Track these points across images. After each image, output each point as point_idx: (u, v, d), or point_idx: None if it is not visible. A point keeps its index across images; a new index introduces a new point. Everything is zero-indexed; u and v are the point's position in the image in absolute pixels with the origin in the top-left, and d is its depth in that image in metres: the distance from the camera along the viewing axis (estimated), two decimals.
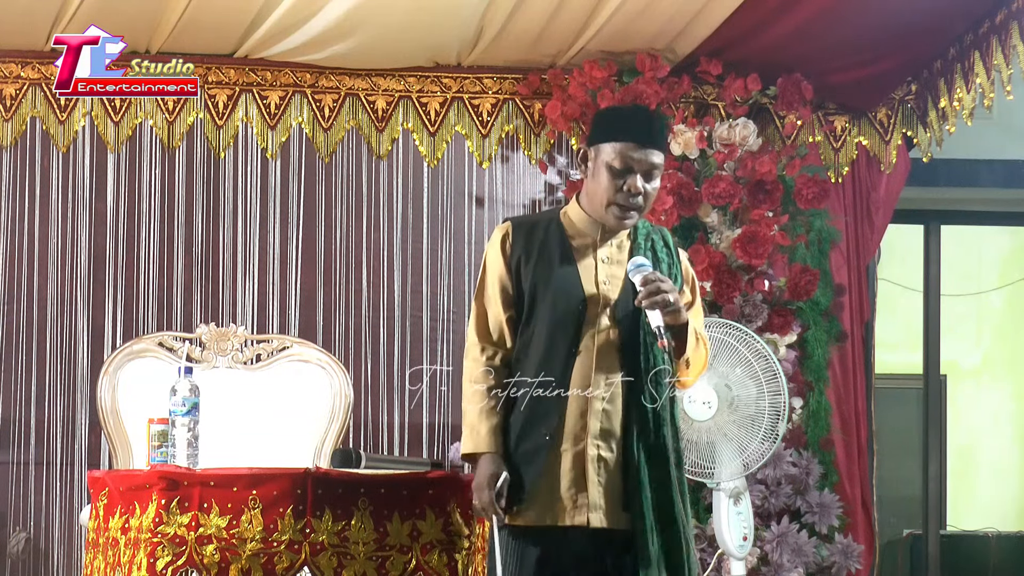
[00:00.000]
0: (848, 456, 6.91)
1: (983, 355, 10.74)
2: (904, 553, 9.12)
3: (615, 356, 3.96)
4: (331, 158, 6.84)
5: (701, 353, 4.09)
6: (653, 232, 4.13)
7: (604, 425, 3.96)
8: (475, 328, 4.08)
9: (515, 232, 4.07)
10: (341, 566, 4.20)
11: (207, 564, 4.12)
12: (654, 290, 3.89)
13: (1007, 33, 6.09)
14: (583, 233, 4.05)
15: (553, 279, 4.00)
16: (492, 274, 4.06)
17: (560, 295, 3.98)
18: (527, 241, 4.05)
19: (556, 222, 4.08)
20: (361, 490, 4.27)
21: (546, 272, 4.01)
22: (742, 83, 6.74)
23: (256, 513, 4.15)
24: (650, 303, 3.89)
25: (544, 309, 3.99)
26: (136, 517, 4.19)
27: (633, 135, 3.96)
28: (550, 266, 4.01)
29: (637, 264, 3.97)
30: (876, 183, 7.12)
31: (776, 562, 6.38)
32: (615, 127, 4.00)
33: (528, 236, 4.05)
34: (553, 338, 3.97)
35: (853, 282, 7.02)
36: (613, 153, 3.96)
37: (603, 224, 4.03)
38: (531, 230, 4.06)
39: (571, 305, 3.98)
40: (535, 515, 3.96)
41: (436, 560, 4.31)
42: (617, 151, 3.96)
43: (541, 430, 3.95)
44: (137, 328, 6.60)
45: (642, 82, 6.64)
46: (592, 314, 3.98)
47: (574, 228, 4.06)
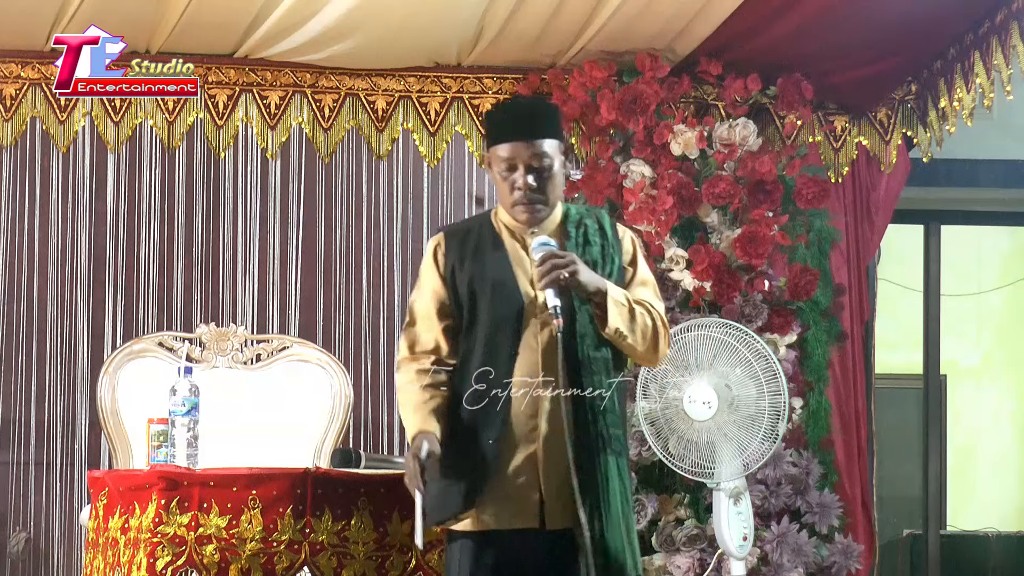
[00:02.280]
0: (848, 456, 6.91)
1: (983, 355, 10.74)
2: (904, 553, 9.12)
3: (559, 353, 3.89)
4: (331, 158, 6.84)
5: (645, 322, 3.99)
6: (587, 217, 4.09)
7: (553, 424, 3.90)
8: (406, 341, 4.05)
9: (448, 241, 4.05)
10: (341, 566, 4.21)
11: (207, 564, 4.13)
12: (549, 268, 3.85)
13: (1007, 33, 6.09)
14: (513, 233, 4.03)
15: (489, 284, 3.97)
16: (426, 286, 4.05)
17: (498, 299, 3.96)
18: (460, 248, 4.03)
19: (488, 225, 4.06)
20: (361, 490, 4.27)
21: (482, 277, 3.98)
22: (742, 83, 6.74)
23: (256, 513, 4.16)
24: (546, 281, 3.85)
25: (484, 314, 3.96)
26: (136, 517, 4.19)
27: (513, 132, 3.95)
28: (485, 271, 3.98)
29: (540, 242, 3.92)
30: (876, 183, 7.12)
31: (776, 562, 6.38)
32: (498, 128, 4.00)
33: (461, 243, 4.03)
34: (495, 342, 3.94)
35: (853, 282, 7.02)
36: (499, 155, 3.96)
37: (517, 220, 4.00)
38: (464, 237, 4.05)
39: (510, 308, 3.95)
40: (488, 520, 3.91)
41: (436, 560, 4.31)
42: (501, 153, 3.95)
43: (488, 434, 3.90)
44: (137, 328, 6.60)
45: (642, 82, 6.64)
46: (531, 314, 3.95)
47: (505, 229, 4.04)
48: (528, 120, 3.98)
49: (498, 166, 3.97)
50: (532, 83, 6.85)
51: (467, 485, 3.90)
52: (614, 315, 3.93)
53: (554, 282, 3.85)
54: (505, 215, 4.05)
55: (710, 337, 5.82)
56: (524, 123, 3.97)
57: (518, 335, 3.94)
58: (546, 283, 3.85)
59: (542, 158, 3.95)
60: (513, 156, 3.95)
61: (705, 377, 5.76)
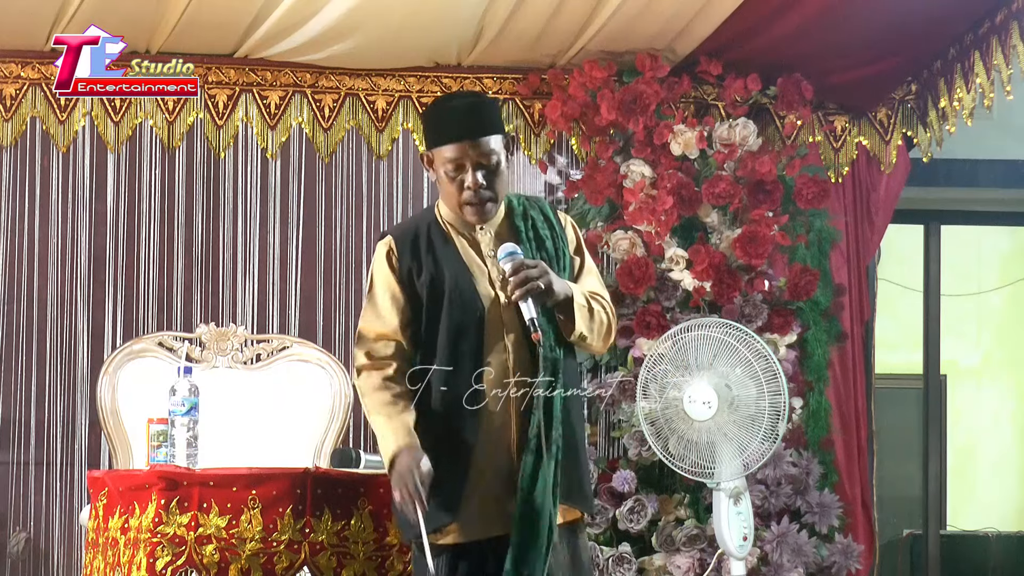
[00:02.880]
0: (848, 456, 6.91)
1: (983, 355, 10.74)
2: (904, 553, 9.12)
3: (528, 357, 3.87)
4: (331, 158, 6.84)
5: (601, 319, 3.97)
6: (530, 208, 4.04)
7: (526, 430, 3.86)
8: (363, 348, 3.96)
9: (398, 244, 3.97)
10: (341, 566, 4.21)
11: (207, 564, 4.13)
12: (523, 279, 3.80)
13: (1007, 33, 6.09)
14: (460, 232, 3.98)
15: (447, 286, 3.91)
16: (382, 291, 3.96)
17: (458, 301, 3.89)
18: (413, 250, 3.95)
19: (435, 224, 3.99)
20: (361, 490, 4.27)
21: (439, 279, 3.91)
22: (742, 83, 6.74)
23: (256, 513, 4.15)
24: (521, 293, 3.80)
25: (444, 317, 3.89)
26: (136, 517, 4.19)
27: (459, 133, 3.89)
28: (442, 272, 3.92)
29: (508, 252, 3.86)
30: (876, 183, 7.12)
31: (776, 562, 6.38)
32: (439, 129, 3.93)
33: (413, 245, 3.96)
34: (457, 346, 3.87)
35: (853, 282, 7.02)
36: (443, 157, 3.89)
37: (466, 220, 3.95)
38: (414, 240, 3.97)
39: (471, 310, 3.89)
40: (466, 531, 3.86)
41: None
42: (448, 154, 3.89)
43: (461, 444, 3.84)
44: (137, 328, 6.60)
45: (642, 82, 6.64)
46: (494, 315, 3.90)
47: (451, 228, 3.98)
48: (471, 118, 3.91)
49: (444, 166, 3.90)
50: (532, 83, 6.85)
51: (447, 496, 3.84)
52: (579, 321, 3.91)
53: (529, 292, 3.80)
54: (449, 213, 3.98)
55: (710, 337, 5.82)
56: (467, 122, 3.90)
57: (481, 338, 3.88)
58: (521, 295, 3.80)
59: (490, 156, 3.90)
60: (460, 156, 3.88)
61: (705, 377, 5.76)
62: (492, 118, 3.96)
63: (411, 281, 3.95)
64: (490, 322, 3.89)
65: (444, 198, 3.98)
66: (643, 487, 6.45)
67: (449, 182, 3.91)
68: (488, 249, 3.95)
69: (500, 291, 3.91)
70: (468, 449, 3.86)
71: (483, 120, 3.92)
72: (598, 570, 6.34)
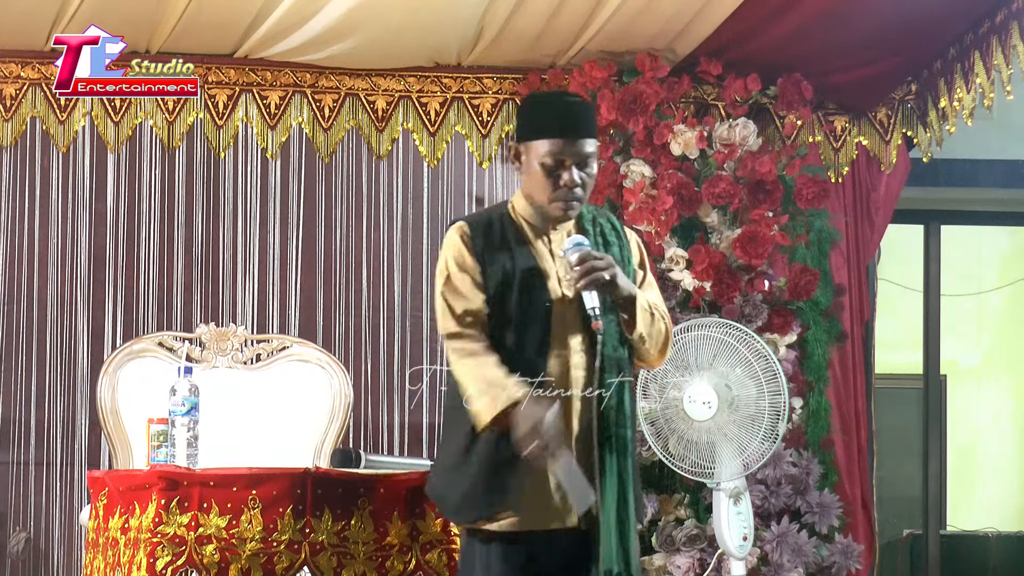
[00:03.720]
0: (848, 456, 6.91)
1: (983, 355, 10.74)
2: (904, 553, 9.12)
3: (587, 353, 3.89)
4: (331, 158, 6.84)
5: (660, 328, 4.00)
6: (599, 216, 4.07)
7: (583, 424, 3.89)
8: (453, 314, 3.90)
9: (473, 230, 3.97)
10: (341, 566, 4.21)
11: (207, 564, 4.13)
12: (589, 269, 3.82)
13: (1007, 33, 6.09)
14: (535, 227, 3.99)
15: (519, 280, 3.92)
16: (460, 271, 3.93)
17: (527, 296, 3.91)
18: (487, 240, 3.96)
19: (508, 218, 4.00)
20: (361, 490, 4.27)
21: (511, 272, 3.92)
22: (742, 83, 6.74)
23: (256, 513, 4.16)
24: (586, 283, 3.82)
25: (513, 311, 3.90)
26: (136, 517, 4.19)
27: (562, 130, 3.90)
28: (514, 266, 3.93)
29: (574, 243, 3.89)
30: (876, 183, 7.12)
31: (776, 562, 6.38)
32: (543, 123, 3.93)
33: (486, 234, 3.96)
34: (523, 340, 3.88)
35: (853, 282, 7.02)
36: (544, 151, 3.90)
37: (548, 217, 3.96)
38: (487, 229, 3.97)
39: (540, 307, 3.91)
40: (523, 520, 3.87)
41: (436, 560, 4.32)
42: (548, 149, 3.89)
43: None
44: (137, 328, 6.60)
45: (642, 82, 6.64)
46: (560, 313, 3.92)
47: (525, 223, 3.99)
48: (576, 118, 3.95)
49: (541, 160, 3.91)
50: (532, 83, 6.85)
51: (508, 483, 3.85)
52: (640, 322, 3.94)
53: (593, 283, 3.82)
54: (525, 208, 3.99)
55: (710, 337, 5.83)
56: (572, 120, 3.93)
57: (548, 334, 3.90)
58: (586, 283, 3.82)
59: (589, 157, 3.92)
60: (561, 153, 3.90)
61: (705, 377, 5.76)
62: (593, 121, 4.01)
63: (484, 267, 3.94)
64: (556, 320, 3.91)
65: (533, 191, 3.97)
66: (643, 487, 6.44)
67: (545, 176, 3.91)
68: (559, 249, 3.96)
69: (566, 291, 3.93)
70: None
71: (587, 121, 3.96)
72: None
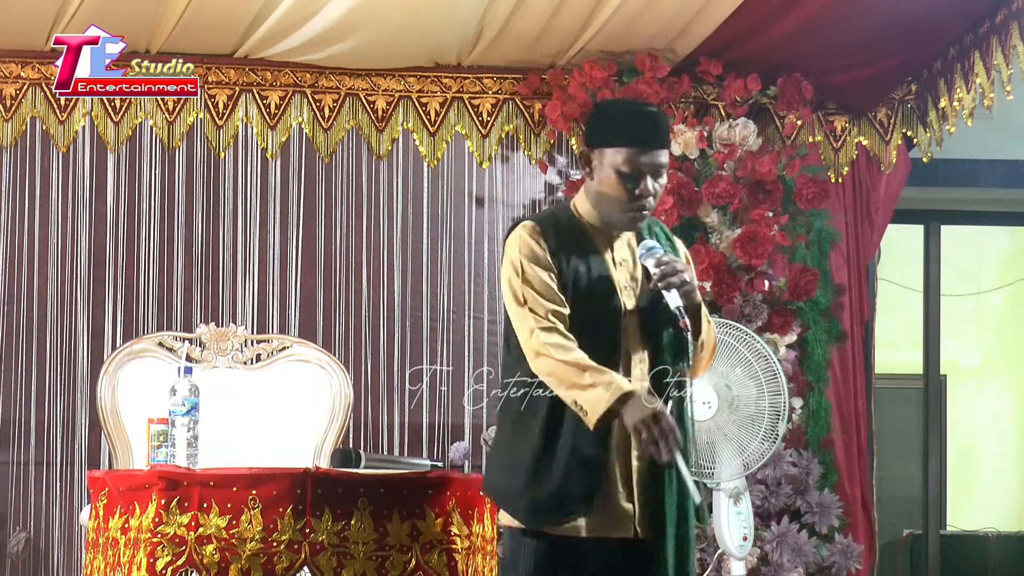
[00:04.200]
0: (848, 456, 6.91)
1: (983, 355, 10.74)
2: (904, 553, 9.12)
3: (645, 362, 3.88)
4: (331, 158, 6.84)
5: (712, 334, 4.02)
6: (652, 224, 4.05)
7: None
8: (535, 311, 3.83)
9: (544, 228, 3.92)
10: (341, 566, 4.20)
11: (207, 564, 4.12)
12: (670, 270, 3.81)
13: (1007, 33, 6.09)
14: (601, 233, 3.95)
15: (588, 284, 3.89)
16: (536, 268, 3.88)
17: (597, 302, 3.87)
18: (558, 239, 3.91)
19: (574, 220, 3.96)
20: (361, 490, 4.26)
21: (581, 276, 3.89)
22: (742, 83, 6.74)
23: (256, 513, 4.15)
24: (667, 283, 3.81)
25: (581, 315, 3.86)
26: (136, 517, 4.19)
27: (640, 138, 3.87)
28: (586, 270, 3.90)
29: (648, 247, 3.88)
30: (876, 183, 7.12)
31: (776, 562, 6.38)
32: (620, 130, 3.90)
33: (557, 233, 3.92)
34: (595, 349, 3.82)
35: (853, 282, 7.02)
36: (621, 158, 3.85)
37: (615, 224, 3.94)
38: (557, 227, 3.94)
39: (609, 313, 3.87)
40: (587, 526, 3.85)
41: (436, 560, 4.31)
42: (625, 156, 3.85)
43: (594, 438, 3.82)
44: (137, 328, 6.60)
45: (642, 82, 6.64)
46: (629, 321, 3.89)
47: (591, 228, 3.96)
48: (654, 128, 3.90)
49: (616, 168, 3.86)
50: (532, 83, 6.85)
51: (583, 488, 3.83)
52: (704, 330, 3.94)
53: (674, 284, 3.81)
54: (590, 213, 3.95)
55: None
56: (651, 130, 3.89)
57: (617, 342, 3.87)
58: (667, 284, 3.81)
59: (663, 168, 3.89)
60: (639, 162, 3.85)
61: (705, 377, 5.75)
62: (668, 132, 3.98)
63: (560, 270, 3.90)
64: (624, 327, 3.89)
65: (603, 198, 3.92)
66: None
67: (618, 183, 3.87)
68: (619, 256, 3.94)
69: (627, 301, 3.90)
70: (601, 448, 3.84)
71: (664, 131, 3.93)
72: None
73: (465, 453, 6.63)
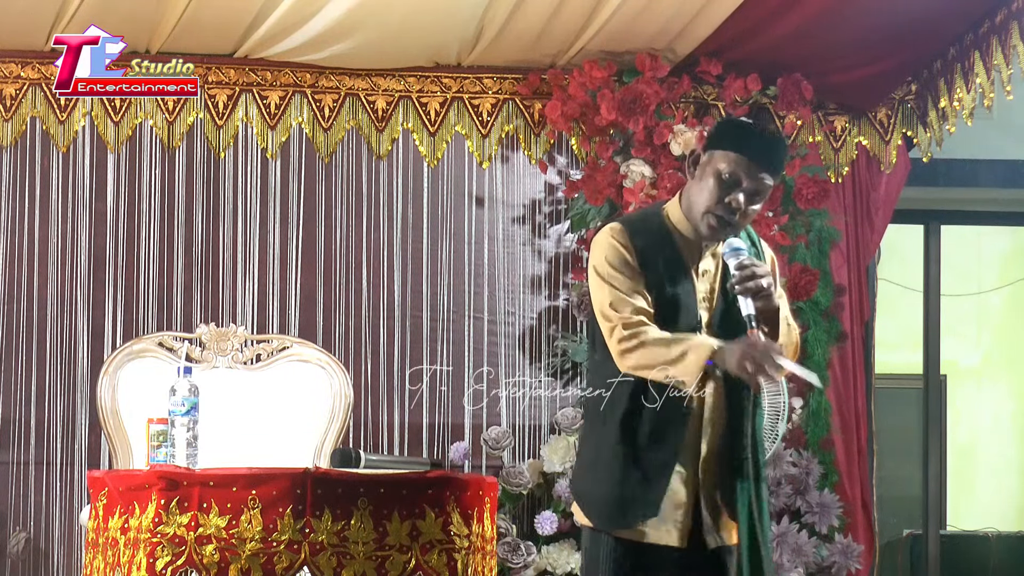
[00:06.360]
0: (848, 456, 6.91)
1: (983, 355, 10.74)
2: (904, 553, 9.12)
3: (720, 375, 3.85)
4: (331, 158, 6.84)
5: (793, 337, 3.98)
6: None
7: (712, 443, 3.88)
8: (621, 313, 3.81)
9: (631, 229, 3.90)
10: (341, 566, 4.20)
11: (207, 564, 4.12)
12: (749, 275, 3.77)
13: (1007, 33, 6.09)
14: (687, 240, 3.92)
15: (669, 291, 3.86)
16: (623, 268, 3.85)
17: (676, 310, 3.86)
18: (646, 241, 3.89)
19: (663, 225, 3.93)
20: (361, 490, 4.26)
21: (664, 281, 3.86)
22: (742, 83, 6.74)
23: (255, 513, 4.15)
24: (743, 288, 3.76)
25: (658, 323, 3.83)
26: (136, 517, 4.19)
27: (752, 151, 3.83)
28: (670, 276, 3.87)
29: (734, 247, 3.83)
30: (876, 183, 7.12)
31: (776, 562, 6.38)
32: (737, 138, 3.87)
33: (646, 236, 3.89)
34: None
35: (853, 282, 7.02)
36: (726, 162, 3.82)
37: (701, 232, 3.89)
38: (646, 231, 3.91)
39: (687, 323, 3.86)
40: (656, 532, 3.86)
41: (436, 560, 4.31)
42: (730, 161, 3.82)
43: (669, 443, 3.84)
44: (137, 328, 6.60)
45: (642, 82, 6.64)
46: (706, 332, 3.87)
47: (678, 235, 3.92)
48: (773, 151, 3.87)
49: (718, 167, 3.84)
50: (532, 83, 6.85)
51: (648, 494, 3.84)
52: (783, 334, 3.89)
53: (750, 290, 3.77)
54: (681, 220, 3.92)
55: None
56: (769, 151, 3.86)
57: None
58: (743, 289, 3.77)
59: (763, 192, 3.86)
60: (741, 171, 3.82)
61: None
62: (782, 162, 3.94)
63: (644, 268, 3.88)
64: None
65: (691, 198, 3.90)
66: None
67: (716, 185, 3.83)
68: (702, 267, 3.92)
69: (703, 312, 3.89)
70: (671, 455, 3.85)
71: (778, 157, 3.90)
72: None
73: (465, 453, 6.63)
